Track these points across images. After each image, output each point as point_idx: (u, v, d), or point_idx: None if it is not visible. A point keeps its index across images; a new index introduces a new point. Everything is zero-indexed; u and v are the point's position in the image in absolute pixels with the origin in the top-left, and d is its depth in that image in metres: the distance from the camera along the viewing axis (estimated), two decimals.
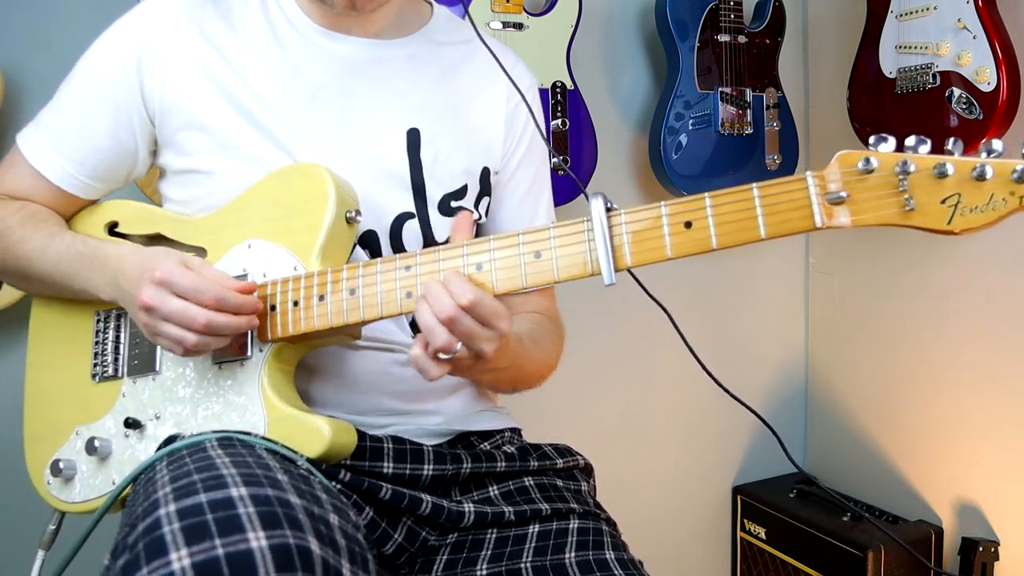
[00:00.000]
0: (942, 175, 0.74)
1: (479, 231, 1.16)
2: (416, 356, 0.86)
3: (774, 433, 1.09)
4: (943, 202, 0.74)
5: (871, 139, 0.77)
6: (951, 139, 0.75)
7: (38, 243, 1.03)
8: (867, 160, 0.76)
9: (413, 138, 1.07)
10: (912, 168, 0.75)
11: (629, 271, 1.02)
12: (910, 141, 0.76)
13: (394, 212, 1.05)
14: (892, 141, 0.76)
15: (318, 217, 0.95)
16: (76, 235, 1.06)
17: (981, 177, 0.73)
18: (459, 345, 0.84)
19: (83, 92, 1.05)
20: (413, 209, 1.06)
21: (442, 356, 0.85)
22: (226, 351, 0.96)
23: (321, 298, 0.92)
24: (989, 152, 0.74)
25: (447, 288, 0.84)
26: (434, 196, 1.07)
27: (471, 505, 0.99)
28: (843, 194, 0.76)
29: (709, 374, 1.05)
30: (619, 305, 2.08)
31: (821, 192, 0.77)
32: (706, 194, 0.81)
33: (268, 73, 1.03)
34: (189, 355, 0.93)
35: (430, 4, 1.17)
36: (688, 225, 0.82)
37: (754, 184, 0.80)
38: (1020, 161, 0.72)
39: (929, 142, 0.76)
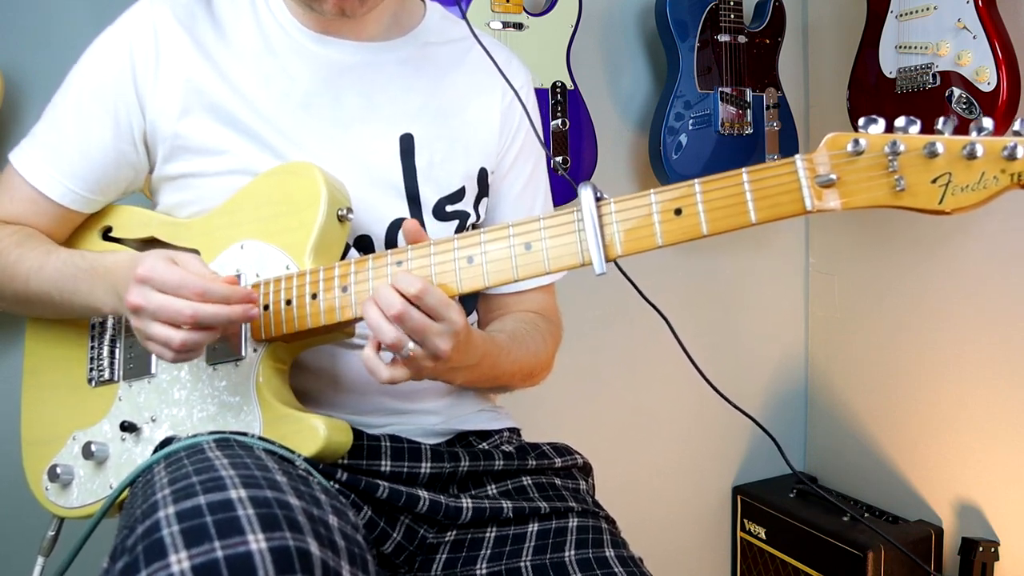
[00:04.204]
0: (932, 155, 0.73)
1: None
2: (366, 356, 0.87)
3: (772, 439, 1.09)
4: (934, 182, 0.74)
5: (860, 121, 0.76)
6: (941, 119, 0.74)
7: (34, 262, 1.01)
8: (856, 142, 0.75)
9: (407, 144, 1.06)
10: (902, 148, 0.74)
11: (628, 278, 1.02)
12: (900, 122, 0.75)
13: (388, 218, 1.05)
14: (882, 122, 0.75)
15: (310, 216, 0.95)
16: (73, 251, 1.03)
17: (972, 155, 0.72)
18: (411, 344, 0.84)
19: (80, 104, 1.04)
20: (408, 215, 1.06)
21: (397, 355, 0.86)
22: (220, 352, 0.96)
23: (314, 296, 0.92)
24: (979, 130, 0.73)
25: (394, 286, 0.84)
26: (429, 201, 1.07)
27: (469, 501, 0.99)
28: (833, 176, 0.76)
29: (708, 382, 1.05)
30: (620, 304, 2.08)
31: (811, 175, 0.77)
32: (696, 180, 0.81)
33: (260, 80, 1.03)
34: (180, 359, 0.89)
35: (423, 2, 1.16)
36: (678, 212, 0.81)
37: (743, 169, 0.79)
38: (1011, 138, 0.72)
39: (919, 122, 0.75)
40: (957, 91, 1.75)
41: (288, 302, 0.93)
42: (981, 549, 1.86)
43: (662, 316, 1.05)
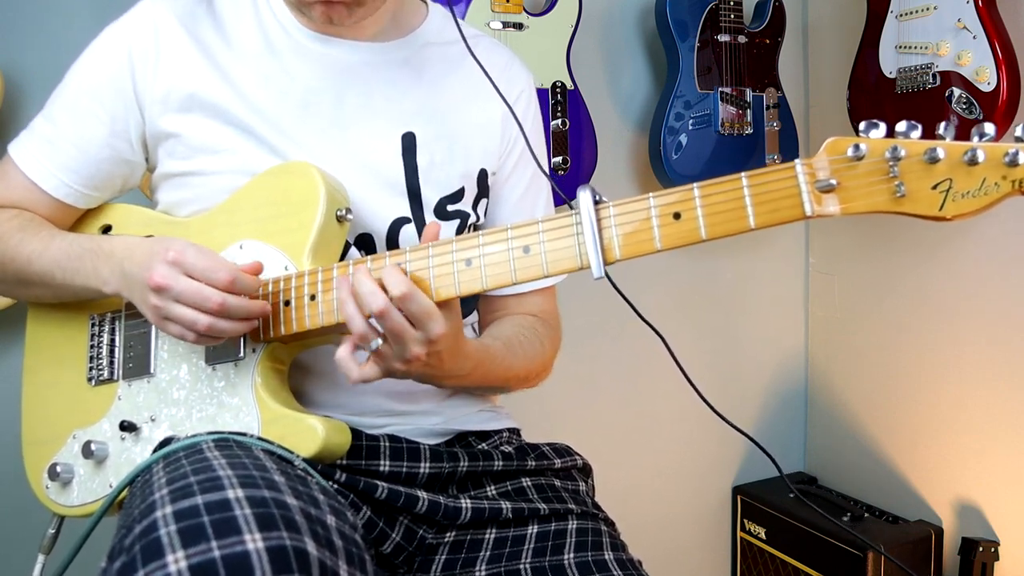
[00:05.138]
0: (933, 160, 0.73)
1: None
2: (340, 356, 0.87)
3: (764, 450, 1.09)
4: (934, 188, 0.73)
5: (861, 125, 0.76)
6: (942, 123, 0.74)
7: (38, 244, 1.02)
8: (857, 147, 0.75)
9: (408, 143, 1.06)
10: (902, 154, 0.73)
11: (623, 297, 1.02)
12: (901, 127, 0.75)
13: (390, 217, 1.05)
14: (883, 127, 0.75)
15: (309, 216, 0.95)
16: (78, 234, 1.05)
17: (973, 161, 0.72)
18: (378, 340, 0.85)
19: (77, 100, 1.04)
20: (409, 214, 1.06)
21: (364, 348, 0.86)
22: (219, 352, 0.96)
23: (312, 297, 0.92)
24: (981, 136, 0.72)
25: (380, 281, 0.84)
26: (430, 200, 1.07)
27: (468, 502, 0.99)
28: (833, 182, 0.75)
29: (703, 398, 1.05)
30: (621, 306, 2.07)
31: (810, 180, 0.76)
32: (695, 185, 0.81)
33: (261, 80, 1.03)
34: (200, 342, 0.92)
35: (425, 3, 1.16)
36: (677, 216, 0.81)
37: (743, 174, 0.79)
38: (1012, 145, 0.71)
39: (920, 127, 0.74)
40: (957, 91, 1.75)
41: (287, 303, 0.93)
42: (981, 549, 1.86)
43: (657, 333, 1.05)
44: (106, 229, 1.09)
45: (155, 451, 0.90)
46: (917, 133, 0.74)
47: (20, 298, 1.14)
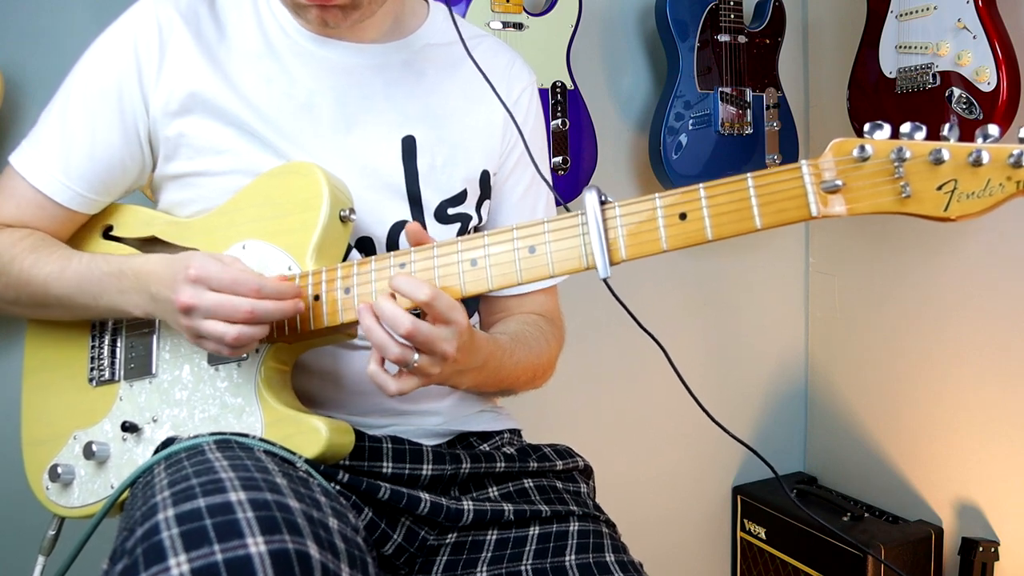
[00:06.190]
0: (938, 161, 0.73)
1: None
2: (372, 372, 0.87)
3: (760, 457, 1.09)
4: (939, 188, 0.74)
5: (866, 126, 0.76)
6: (946, 125, 0.74)
7: (55, 266, 1.00)
8: (862, 148, 0.75)
9: (409, 146, 1.06)
10: (907, 155, 0.74)
11: (622, 305, 1.02)
12: (905, 128, 0.75)
13: (390, 221, 1.05)
14: (887, 128, 0.76)
15: (312, 216, 0.95)
16: (94, 255, 1.03)
17: (977, 162, 0.72)
18: (416, 355, 0.84)
19: (85, 104, 1.02)
20: (409, 217, 1.06)
21: (403, 368, 0.85)
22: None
23: (316, 298, 0.92)
24: (985, 137, 0.73)
25: (399, 291, 0.83)
26: (431, 203, 1.07)
27: (470, 503, 0.99)
28: (838, 182, 0.76)
29: (701, 407, 1.05)
30: (620, 305, 2.08)
31: (816, 181, 0.77)
32: (701, 185, 0.81)
33: (262, 82, 1.02)
34: (235, 354, 0.90)
35: (427, 3, 1.16)
36: (683, 217, 0.81)
37: (749, 174, 0.79)
38: (1017, 146, 0.72)
39: (925, 128, 0.75)
40: (957, 91, 1.75)
41: None
42: (981, 549, 1.86)
43: (656, 342, 1.05)
44: (107, 229, 1.08)
45: (157, 452, 0.90)
46: (922, 134, 0.75)
47: (39, 318, 1.10)
